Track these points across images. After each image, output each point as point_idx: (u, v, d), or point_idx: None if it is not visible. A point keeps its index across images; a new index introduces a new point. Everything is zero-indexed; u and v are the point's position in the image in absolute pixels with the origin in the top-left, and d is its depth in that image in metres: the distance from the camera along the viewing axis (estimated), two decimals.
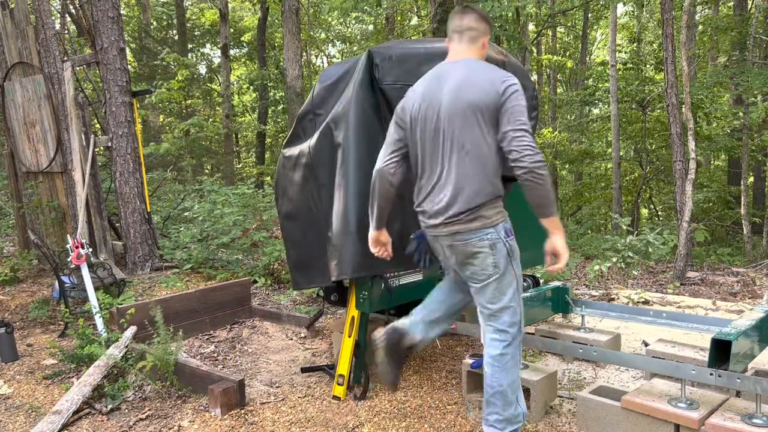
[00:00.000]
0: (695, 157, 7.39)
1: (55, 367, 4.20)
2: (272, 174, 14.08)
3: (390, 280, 3.46)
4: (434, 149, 2.59)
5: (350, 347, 3.53)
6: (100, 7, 6.73)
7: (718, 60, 16.21)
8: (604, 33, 21.23)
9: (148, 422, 3.33)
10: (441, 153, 2.57)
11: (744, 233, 10.60)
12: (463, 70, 2.56)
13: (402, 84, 3.39)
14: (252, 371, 4.07)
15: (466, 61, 2.61)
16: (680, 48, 8.09)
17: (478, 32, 2.66)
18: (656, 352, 3.44)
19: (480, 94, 2.47)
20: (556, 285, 4.13)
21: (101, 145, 7.10)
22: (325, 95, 3.69)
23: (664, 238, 7.19)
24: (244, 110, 20.96)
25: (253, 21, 20.63)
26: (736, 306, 5.34)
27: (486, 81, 2.49)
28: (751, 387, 2.55)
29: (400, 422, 3.20)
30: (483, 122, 2.48)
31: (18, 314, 5.56)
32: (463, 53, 2.66)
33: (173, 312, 4.59)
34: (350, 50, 20.19)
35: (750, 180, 13.09)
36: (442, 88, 2.58)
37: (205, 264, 6.83)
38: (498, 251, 2.54)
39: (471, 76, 2.52)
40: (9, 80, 7.23)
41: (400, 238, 3.32)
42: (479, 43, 2.67)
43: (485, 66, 2.58)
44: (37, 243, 5.51)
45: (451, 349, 4.32)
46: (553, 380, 3.32)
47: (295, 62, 11.89)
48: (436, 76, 2.66)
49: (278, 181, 3.85)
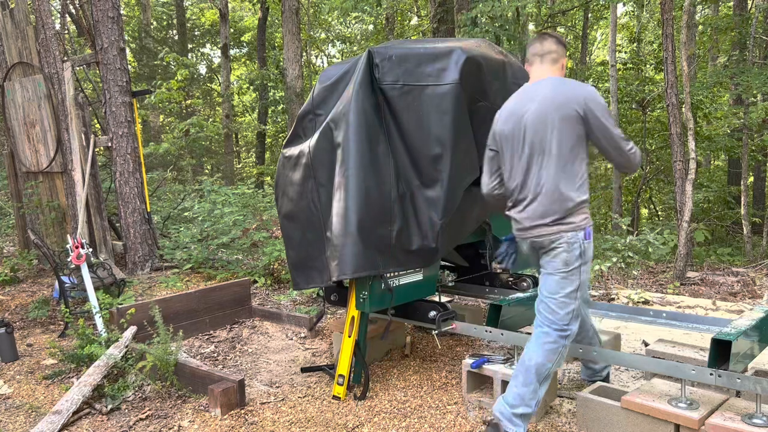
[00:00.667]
0: (695, 157, 7.39)
1: (55, 367, 4.20)
2: (272, 174, 14.08)
3: (390, 280, 3.46)
4: (524, 162, 2.84)
5: (350, 347, 3.53)
6: (100, 7, 6.73)
7: (718, 60, 16.21)
8: (604, 33, 21.22)
9: (148, 422, 3.33)
10: (529, 165, 2.82)
11: (744, 233, 10.60)
12: (549, 87, 2.80)
13: (402, 84, 3.39)
14: (252, 371, 4.06)
15: (551, 79, 2.85)
16: (680, 48, 8.09)
17: (557, 54, 2.92)
18: (656, 352, 3.44)
19: (566, 108, 2.71)
20: None
21: (101, 145, 7.10)
22: (325, 95, 3.69)
23: (664, 238, 7.19)
24: (244, 110, 20.96)
25: (253, 21, 20.64)
26: (736, 306, 5.34)
27: (571, 94, 2.73)
28: (751, 387, 2.55)
29: (400, 422, 3.20)
30: (569, 133, 2.72)
31: (18, 314, 5.55)
32: (546, 73, 2.90)
33: (173, 312, 4.59)
34: (350, 50, 20.19)
35: (750, 180, 13.09)
36: (528, 106, 2.81)
37: (205, 264, 6.83)
38: (573, 251, 2.77)
39: (556, 91, 2.76)
40: (9, 80, 7.23)
41: (400, 237, 3.33)
42: (559, 64, 2.92)
43: (569, 81, 2.82)
44: (37, 243, 5.51)
45: (451, 349, 4.32)
46: (553, 380, 3.32)
47: (295, 62, 11.89)
48: (521, 96, 2.91)
49: (278, 181, 3.85)
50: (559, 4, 13.36)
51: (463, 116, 3.36)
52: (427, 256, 3.46)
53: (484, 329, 3.45)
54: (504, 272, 4.45)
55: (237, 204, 7.43)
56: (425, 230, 3.38)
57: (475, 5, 9.20)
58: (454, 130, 3.30)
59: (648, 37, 17.60)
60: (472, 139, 3.48)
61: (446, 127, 3.30)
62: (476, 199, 3.69)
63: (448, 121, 3.29)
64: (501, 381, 3.26)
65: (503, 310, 3.49)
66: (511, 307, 3.59)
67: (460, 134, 3.35)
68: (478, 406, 3.35)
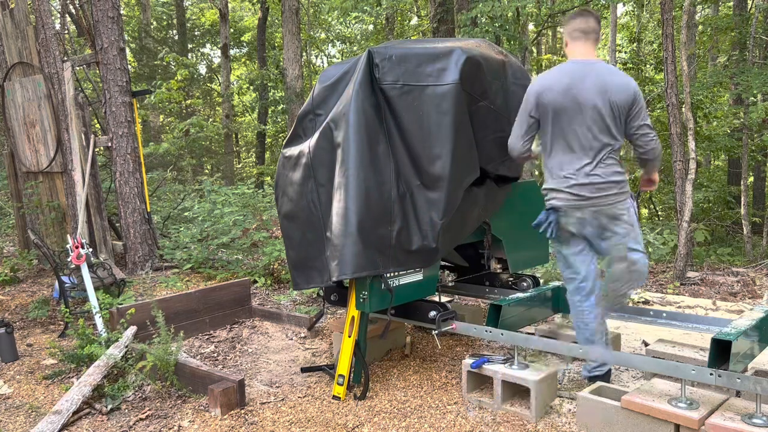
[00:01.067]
0: (695, 157, 7.39)
1: (55, 367, 4.20)
2: (272, 174, 14.07)
3: (390, 280, 3.46)
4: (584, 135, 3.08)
5: (350, 347, 3.53)
6: (100, 7, 6.73)
7: (718, 60, 16.20)
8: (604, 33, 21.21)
9: (148, 422, 3.33)
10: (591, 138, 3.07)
11: (744, 233, 10.59)
12: (602, 70, 3.08)
13: (402, 84, 3.40)
14: (252, 371, 4.06)
15: (601, 63, 3.12)
16: (680, 48, 8.08)
17: (597, 34, 3.17)
18: (656, 352, 3.44)
19: (620, 95, 3.01)
20: (556, 285, 4.13)
21: (101, 145, 7.10)
22: (325, 95, 3.69)
23: (664, 238, 7.19)
24: (244, 110, 20.96)
25: (253, 21, 20.65)
26: (736, 306, 5.34)
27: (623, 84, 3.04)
28: (751, 387, 2.55)
29: (400, 422, 3.20)
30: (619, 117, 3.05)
31: (18, 314, 5.56)
32: (590, 53, 3.15)
33: (173, 312, 4.59)
34: (350, 50, 20.19)
35: (750, 180, 13.08)
36: (587, 84, 3.05)
37: (205, 264, 6.83)
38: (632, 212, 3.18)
39: (611, 78, 3.04)
40: (9, 80, 7.23)
41: (400, 237, 3.33)
42: (598, 43, 3.20)
43: (617, 70, 3.14)
44: (37, 243, 5.51)
45: (451, 349, 4.32)
46: (553, 380, 3.32)
47: (295, 62, 11.90)
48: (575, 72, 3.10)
49: (278, 181, 3.85)
50: (559, 4, 13.35)
51: (463, 116, 3.37)
52: (427, 256, 3.46)
53: (484, 329, 3.45)
54: (504, 272, 4.45)
55: (237, 204, 7.43)
56: (425, 230, 3.38)
57: (475, 5, 9.20)
58: (455, 130, 3.30)
59: (648, 37, 17.60)
60: (473, 139, 3.48)
61: (446, 127, 3.30)
62: (476, 200, 3.68)
63: (448, 121, 3.30)
64: (501, 381, 3.26)
65: (503, 310, 3.49)
66: (511, 307, 3.59)
67: (460, 134, 3.35)
68: (478, 406, 3.35)
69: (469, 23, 9.40)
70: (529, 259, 4.33)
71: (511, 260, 4.14)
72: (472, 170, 3.51)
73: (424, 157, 3.37)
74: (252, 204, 7.62)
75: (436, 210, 3.35)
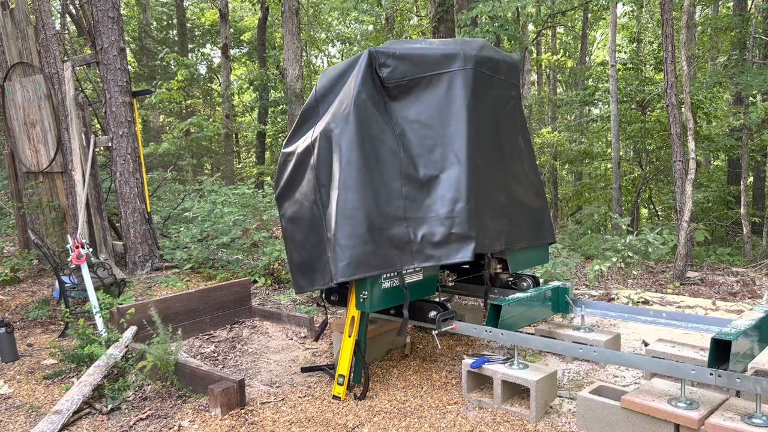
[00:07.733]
0: (695, 157, 7.39)
1: (55, 367, 4.20)
2: (272, 174, 14.07)
3: (389, 281, 3.46)
4: None
5: (350, 347, 3.53)
6: (100, 7, 6.73)
7: (718, 60, 16.20)
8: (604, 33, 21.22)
9: (148, 422, 3.33)
10: None
11: (744, 233, 10.59)
12: None
13: (409, 79, 3.45)
14: (252, 371, 4.07)
15: None
16: (680, 48, 8.08)
17: None
18: (656, 352, 3.44)
19: None
20: (555, 285, 4.13)
21: (101, 145, 7.10)
22: (326, 94, 3.70)
23: (664, 238, 7.19)
24: (244, 110, 20.96)
25: (253, 21, 20.64)
26: (736, 306, 5.34)
27: None
28: (751, 387, 2.55)
29: (400, 422, 3.20)
30: None
31: (18, 314, 5.56)
32: None
33: (173, 312, 4.59)
34: (350, 50, 20.18)
35: (750, 180, 13.08)
36: None
37: (205, 264, 6.83)
38: None
39: None
40: (9, 80, 7.23)
41: (417, 231, 3.34)
42: None
43: None
44: (37, 243, 5.51)
45: (451, 349, 4.32)
46: (553, 380, 3.32)
47: (295, 62, 11.90)
48: None
49: (278, 181, 3.86)
50: (559, 4, 13.35)
51: (473, 99, 3.42)
52: (459, 246, 3.37)
53: (484, 329, 3.45)
54: (504, 272, 4.45)
55: (237, 204, 7.43)
56: (450, 218, 3.36)
57: (475, 5, 9.21)
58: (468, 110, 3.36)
59: (648, 37, 17.59)
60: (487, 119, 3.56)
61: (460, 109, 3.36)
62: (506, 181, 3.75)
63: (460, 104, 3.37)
64: (501, 381, 3.27)
65: (503, 310, 3.49)
66: (511, 307, 3.59)
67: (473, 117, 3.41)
68: (478, 406, 3.35)
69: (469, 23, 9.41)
70: (529, 259, 4.33)
71: (511, 260, 4.15)
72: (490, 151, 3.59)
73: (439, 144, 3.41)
74: (252, 204, 7.63)
75: (459, 195, 3.34)
